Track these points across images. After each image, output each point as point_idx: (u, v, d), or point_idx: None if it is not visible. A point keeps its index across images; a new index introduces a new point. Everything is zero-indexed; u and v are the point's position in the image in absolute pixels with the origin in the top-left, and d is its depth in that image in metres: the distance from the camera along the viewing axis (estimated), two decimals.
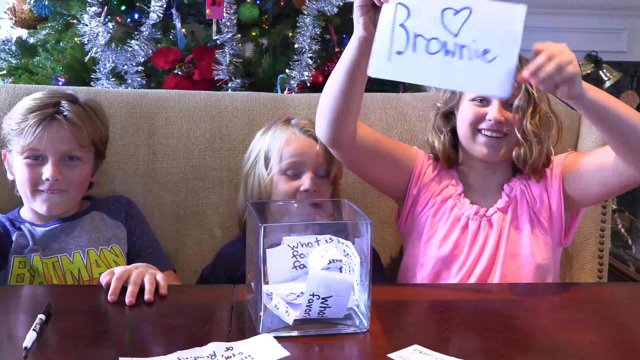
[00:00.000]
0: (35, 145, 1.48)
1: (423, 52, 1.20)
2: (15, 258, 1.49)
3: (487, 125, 1.53)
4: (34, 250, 1.50)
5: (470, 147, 1.57)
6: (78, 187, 1.55)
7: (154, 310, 1.23)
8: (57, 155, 1.50)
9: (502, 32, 1.20)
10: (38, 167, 1.50)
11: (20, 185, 1.53)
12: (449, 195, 1.59)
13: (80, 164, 1.54)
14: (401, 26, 1.20)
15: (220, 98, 1.84)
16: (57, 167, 1.49)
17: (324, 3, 2.21)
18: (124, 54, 2.17)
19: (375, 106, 1.88)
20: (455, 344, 1.11)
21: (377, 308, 1.18)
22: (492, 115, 1.52)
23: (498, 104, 1.53)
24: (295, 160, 1.55)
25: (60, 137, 1.50)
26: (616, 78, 4.93)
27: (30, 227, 1.53)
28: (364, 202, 1.80)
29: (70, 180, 1.51)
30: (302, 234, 1.13)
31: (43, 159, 1.50)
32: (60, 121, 1.50)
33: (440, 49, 1.20)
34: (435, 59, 1.20)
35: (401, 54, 1.20)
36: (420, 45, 1.20)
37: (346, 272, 1.10)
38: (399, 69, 1.22)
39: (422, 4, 1.20)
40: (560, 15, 4.83)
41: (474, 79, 1.21)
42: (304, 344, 1.07)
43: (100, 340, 1.10)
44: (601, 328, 1.17)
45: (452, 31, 1.19)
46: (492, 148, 1.55)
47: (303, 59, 2.19)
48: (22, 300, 1.31)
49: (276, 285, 1.13)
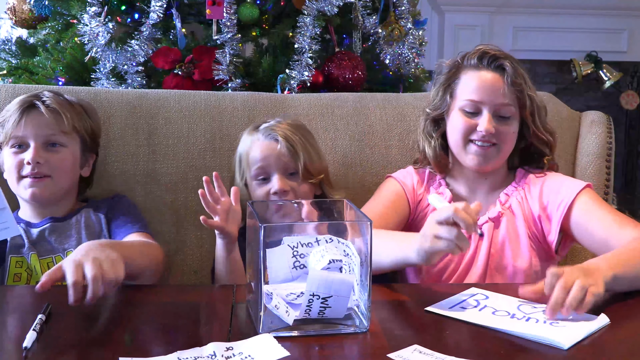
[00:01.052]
0: (16, 132, 1.52)
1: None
2: (12, 258, 1.50)
3: (478, 137, 1.53)
4: (30, 250, 1.51)
5: (462, 156, 1.57)
6: (60, 174, 1.55)
7: (154, 310, 1.23)
8: (39, 140, 1.53)
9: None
10: (21, 154, 1.53)
11: (8, 175, 1.56)
12: None
13: (63, 150, 1.56)
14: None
15: (220, 98, 1.84)
16: (37, 151, 1.52)
17: (324, 3, 2.21)
18: (124, 54, 2.17)
19: (375, 106, 1.88)
20: (455, 344, 1.11)
21: (377, 308, 1.19)
22: (483, 127, 1.51)
23: (488, 115, 1.52)
24: (260, 165, 1.59)
25: (40, 122, 1.54)
26: (616, 78, 4.93)
27: (25, 228, 1.54)
28: (363, 202, 1.79)
29: (51, 165, 1.53)
30: (302, 234, 1.13)
31: (26, 147, 1.53)
32: (38, 107, 1.54)
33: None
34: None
35: None
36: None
37: (346, 272, 1.10)
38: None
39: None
40: (560, 15, 4.83)
41: None
42: (304, 344, 1.07)
43: (100, 340, 1.10)
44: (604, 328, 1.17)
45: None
46: (484, 157, 1.54)
47: (303, 59, 2.19)
48: (21, 300, 1.31)
49: (276, 285, 1.13)
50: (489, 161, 1.55)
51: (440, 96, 1.61)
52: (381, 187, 1.66)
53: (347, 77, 2.28)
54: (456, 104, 1.57)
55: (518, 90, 1.53)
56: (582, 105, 4.89)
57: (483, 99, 1.53)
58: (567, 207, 1.51)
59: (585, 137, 1.85)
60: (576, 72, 4.91)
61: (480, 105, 1.53)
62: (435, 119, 1.63)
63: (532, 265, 1.54)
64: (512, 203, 1.57)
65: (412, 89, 2.50)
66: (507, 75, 1.52)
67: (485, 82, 1.54)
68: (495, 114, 1.53)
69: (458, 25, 4.78)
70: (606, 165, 1.82)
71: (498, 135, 1.53)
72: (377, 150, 1.83)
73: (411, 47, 2.44)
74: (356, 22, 2.38)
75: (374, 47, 2.46)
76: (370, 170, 1.82)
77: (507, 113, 1.54)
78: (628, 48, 5.00)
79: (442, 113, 1.61)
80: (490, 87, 1.53)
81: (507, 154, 1.57)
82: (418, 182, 1.63)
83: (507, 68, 1.53)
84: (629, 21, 4.96)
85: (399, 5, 2.45)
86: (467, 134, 1.54)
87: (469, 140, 1.54)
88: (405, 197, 1.61)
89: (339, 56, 2.31)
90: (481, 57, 1.55)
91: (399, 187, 1.62)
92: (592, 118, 1.87)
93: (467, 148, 1.55)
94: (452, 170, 1.63)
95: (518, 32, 4.87)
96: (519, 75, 1.53)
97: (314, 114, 1.85)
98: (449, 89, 1.59)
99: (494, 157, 1.55)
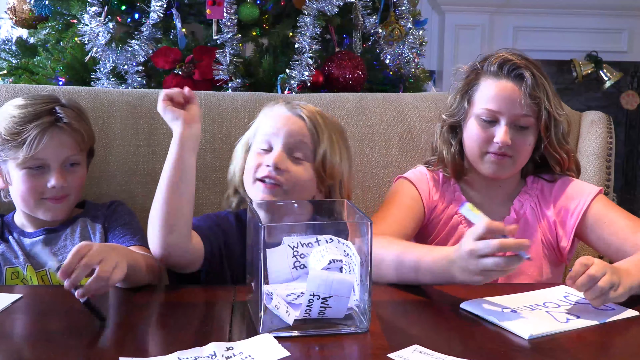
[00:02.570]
0: (38, 154, 1.46)
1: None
2: (7, 269, 1.48)
3: (494, 148, 1.51)
4: (26, 262, 1.48)
5: (478, 165, 1.55)
6: (78, 191, 1.55)
7: (154, 310, 1.23)
8: (60, 162, 1.49)
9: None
10: (41, 176, 1.48)
11: (20, 196, 1.50)
12: (454, 212, 1.57)
13: (79, 168, 1.54)
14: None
15: (221, 98, 1.84)
16: (60, 174, 1.48)
17: (324, 3, 2.21)
18: (125, 54, 2.16)
19: (375, 106, 1.88)
20: (455, 344, 1.11)
21: (377, 308, 1.19)
22: (500, 139, 1.49)
23: (505, 127, 1.50)
24: (271, 132, 1.46)
25: (63, 143, 1.49)
26: (616, 78, 4.93)
27: (18, 238, 1.52)
28: (364, 202, 1.80)
29: (71, 186, 1.51)
30: (303, 234, 1.13)
31: (44, 167, 1.49)
32: (61, 127, 1.49)
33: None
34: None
35: None
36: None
37: (346, 272, 1.10)
38: None
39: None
40: (560, 15, 4.83)
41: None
42: (305, 344, 1.07)
43: (101, 340, 1.10)
44: (600, 328, 1.17)
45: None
46: (500, 166, 1.52)
47: (303, 59, 2.18)
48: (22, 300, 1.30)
49: (276, 285, 1.13)
50: (504, 170, 1.54)
51: (458, 102, 1.58)
52: (396, 190, 1.60)
53: (347, 77, 2.28)
54: (473, 111, 1.55)
55: (535, 103, 1.50)
56: (582, 105, 4.89)
57: (501, 109, 1.50)
58: (581, 213, 1.52)
59: (586, 137, 1.85)
60: (576, 72, 4.90)
61: (497, 115, 1.51)
62: (452, 125, 1.61)
63: (542, 272, 1.54)
64: (526, 210, 1.57)
65: (412, 89, 2.49)
66: (526, 87, 1.49)
67: (504, 91, 1.51)
68: (513, 124, 1.51)
69: (458, 25, 4.78)
70: (606, 165, 1.82)
71: (514, 147, 1.50)
72: (378, 151, 1.83)
73: (411, 47, 2.44)
74: (356, 22, 2.38)
75: (374, 47, 2.46)
76: (371, 170, 1.82)
77: (525, 124, 1.51)
78: (628, 48, 5.00)
79: (459, 120, 1.59)
80: (508, 97, 1.50)
81: (522, 164, 1.56)
82: (434, 187, 1.60)
83: (527, 78, 1.49)
84: (629, 21, 4.95)
85: (399, 5, 2.45)
86: (483, 144, 1.52)
87: (485, 151, 1.52)
88: (422, 202, 1.57)
89: (339, 56, 2.31)
90: (502, 64, 1.52)
91: (415, 192, 1.58)
92: (592, 118, 1.87)
93: (483, 158, 1.53)
94: (467, 176, 1.61)
95: (518, 32, 4.87)
96: (539, 86, 1.50)
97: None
98: (466, 96, 1.57)
99: (510, 167, 1.53)
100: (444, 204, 1.58)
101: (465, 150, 1.58)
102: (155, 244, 1.31)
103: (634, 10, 4.91)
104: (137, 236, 1.51)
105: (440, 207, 1.58)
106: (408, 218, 1.53)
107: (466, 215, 1.29)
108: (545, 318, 1.18)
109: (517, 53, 1.55)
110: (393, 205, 1.56)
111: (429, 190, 1.59)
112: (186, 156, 1.31)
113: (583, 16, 4.85)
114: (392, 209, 1.55)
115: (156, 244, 1.31)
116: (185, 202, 1.31)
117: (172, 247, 1.31)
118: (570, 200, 1.55)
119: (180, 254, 1.33)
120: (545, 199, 1.57)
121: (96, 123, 1.72)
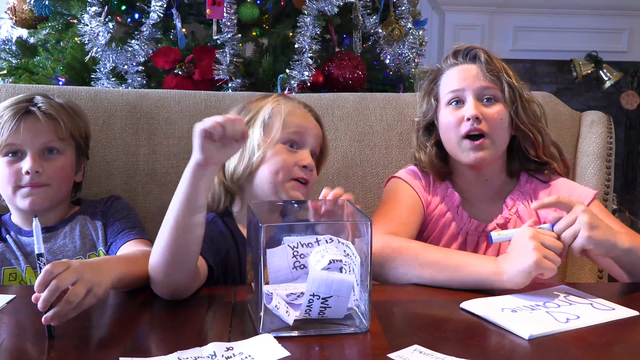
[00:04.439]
0: (12, 139, 1.46)
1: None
2: (5, 270, 1.47)
3: (467, 126, 1.51)
4: (25, 263, 1.47)
5: (457, 154, 1.55)
6: (60, 182, 1.50)
7: (154, 310, 1.23)
8: (35, 148, 1.47)
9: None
10: (17, 163, 1.47)
11: (1, 187, 1.49)
12: (447, 209, 1.57)
13: (60, 158, 1.51)
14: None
15: (221, 98, 1.84)
16: (35, 159, 1.46)
17: (324, 3, 2.21)
18: (124, 54, 2.17)
19: (375, 106, 1.88)
20: (455, 344, 1.11)
21: (377, 308, 1.19)
22: (470, 113, 1.50)
23: (473, 99, 1.52)
24: (297, 131, 1.48)
25: (37, 129, 1.47)
26: (616, 78, 4.94)
27: (15, 237, 1.51)
28: (364, 202, 1.80)
29: (50, 174, 1.48)
30: (302, 234, 1.13)
31: (22, 154, 1.47)
32: (34, 113, 1.48)
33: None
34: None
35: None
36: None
37: (346, 272, 1.10)
38: None
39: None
40: (560, 15, 4.84)
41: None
42: (305, 344, 1.07)
43: (101, 341, 1.10)
44: (600, 328, 1.17)
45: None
46: (479, 149, 1.51)
47: (303, 59, 2.19)
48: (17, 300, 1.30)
49: (276, 285, 1.13)
50: (484, 152, 1.51)
51: (426, 102, 1.62)
52: (394, 191, 1.60)
53: (347, 77, 2.28)
54: (441, 103, 1.58)
55: (495, 76, 1.53)
56: (582, 105, 4.89)
57: (463, 85, 1.54)
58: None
59: (586, 137, 1.85)
60: (576, 72, 4.91)
61: (462, 94, 1.54)
62: (426, 127, 1.62)
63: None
64: (518, 208, 1.56)
65: (412, 89, 2.49)
66: (482, 62, 1.55)
67: (464, 71, 1.56)
68: (479, 97, 1.53)
69: (458, 25, 4.79)
70: (606, 165, 1.82)
71: (486, 120, 1.51)
72: (378, 151, 1.83)
73: (411, 47, 2.44)
74: (356, 22, 2.38)
75: (374, 47, 2.46)
76: (371, 170, 1.82)
77: (490, 94, 1.54)
78: (628, 48, 5.01)
79: (431, 118, 1.61)
80: (468, 73, 1.55)
81: (501, 145, 1.55)
82: (426, 184, 1.61)
83: (480, 55, 1.56)
84: (629, 21, 4.96)
85: (399, 5, 2.45)
86: (456, 127, 1.53)
87: (460, 137, 1.52)
88: (420, 201, 1.57)
89: (339, 56, 2.31)
90: (456, 53, 1.59)
91: (412, 191, 1.58)
92: (592, 118, 1.87)
93: (461, 145, 1.53)
94: (453, 177, 1.62)
95: (518, 32, 4.87)
96: (495, 61, 1.56)
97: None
98: (432, 93, 1.61)
99: (489, 148, 1.52)
100: (437, 200, 1.59)
101: (444, 144, 1.58)
102: (159, 286, 1.24)
103: (634, 10, 4.91)
104: (135, 229, 1.48)
105: (434, 203, 1.59)
106: (412, 218, 1.54)
107: (500, 241, 1.37)
108: (545, 318, 1.18)
109: (465, 44, 1.61)
110: (394, 206, 1.55)
111: (423, 188, 1.60)
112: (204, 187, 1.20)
113: (583, 16, 4.86)
114: (396, 209, 1.54)
115: (159, 285, 1.24)
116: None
117: (178, 285, 1.25)
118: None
119: (184, 290, 1.26)
120: (540, 200, 1.56)
121: (96, 123, 1.72)
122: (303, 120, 1.51)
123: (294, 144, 1.48)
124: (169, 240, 1.20)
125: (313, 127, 1.52)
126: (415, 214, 1.55)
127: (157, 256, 1.22)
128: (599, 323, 1.18)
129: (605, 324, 1.18)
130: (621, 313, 1.22)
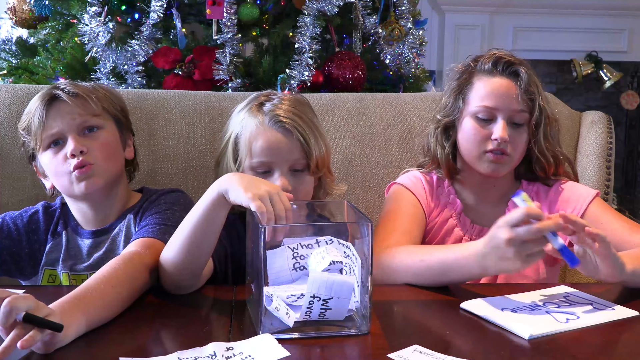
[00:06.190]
0: (47, 129, 1.41)
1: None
2: (46, 270, 1.46)
3: (493, 145, 1.50)
4: (63, 268, 1.45)
5: (476, 164, 1.54)
6: (107, 158, 1.44)
7: (154, 311, 1.23)
8: (73, 129, 1.42)
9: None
10: (62, 150, 1.42)
11: (56, 179, 1.44)
12: (449, 216, 1.57)
13: (102, 133, 1.45)
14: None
15: (221, 98, 1.84)
16: (77, 140, 1.41)
17: (324, 3, 2.21)
18: (124, 54, 2.17)
19: (375, 106, 1.88)
20: (455, 344, 1.11)
21: (377, 308, 1.19)
22: (499, 135, 1.49)
23: (503, 122, 1.50)
24: (265, 162, 1.41)
25: (67, 110, 1.42)
26: (616, 78, 4.94)
27: (70, 235, 1.47)
28: (364, 202, 1.80)
29: (95, 152, 1.42)
30: (303, 236, 1.13)
31: (63, 141, 1.42)
32: (60, 97, 1.43)
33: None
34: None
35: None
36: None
37: (347, 273, 1.09)
38: None
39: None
40: (560, 15, 4.84)
41: None
42: (305, 346, 1.07)
43: (101, 340, 1.10)
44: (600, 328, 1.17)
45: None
46: (499, 165, 1.51)
47: (303, 59, 2.19)
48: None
49: (277, 287, 1.13)
50: (502, 168, 1.53)
51: (452, 102, 1.58)
52: (395, 199, 1.58)
53: (347, 77, 2.28)
54: (469, 110, 1.54)
55: (530, 98, 1.51)
56: (582, 105, 4.90)
57: (498, 105, 1.50)
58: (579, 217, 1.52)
59: (585, 137, 1.85)
60: (576, 72, 4.91)
61: (494, 112, 1.51)
62: (446, 126, 1.60)
63: (539, 273, 1.54)
64: None
65: (412, 89, 2.50)
66: (522, 82, 1.50)
67: (500, 88, 1.51)
68: (509, 120, 1.51)
69: (458, 25, 4.79)
70: (606, 165, 1.82)
71: (511, 144, 1.50)
72: (378, 151, 1.83)
73: (411, 47, 2.44)
74: (356, 22, 2.38)
75: (374, 47, 2.46)
76: (371, 170, 1.82)
77: (520, 120, 1.51)
78: (628, 48, 5.01)
79: (453, 120, 1.58)
80: (505, 93, 1.50)
81: (517, 162, 1.56)
82: (429, 191, 1.59)
83: (522, 74, 1.50)
84: (629, 21, 4.96)
85: (399, 5, 2.45)
86: (481, 143, 1.51)
87: (483, 151, 1.51)
88: (422, 209, 1.57)
89: (339, 56, 2.31)
90: (496, 62, 1.53)
91: (414, 199, 1.57)
92: (592, 118, 1.87)
93: (481, 158, 1.52)
94: (460, 177, 1.61)
95: (518, 32, 4.87)
96: (533, 83, 1.52)
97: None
98: (461, 95, 1.56)
99: (507, 165, 1.53)
100: (439, 207, 1.58)
101: (461, 150, 1.57)
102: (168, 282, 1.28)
103: (634, 10, 4.91)
104: (156, 227, 1.37)
105: (436, 211, 1.58)
106: (414, 226, 1.53)
107: (519, 204, 1.23)
108: (545, 318, 1.18)
109: (508, 52, 1.56)
110: (396, 215, 1.54)
111: (426, 195, 1.58)
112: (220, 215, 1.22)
113: (583, 16, 4.86)
114: (398, 219, 1.53)
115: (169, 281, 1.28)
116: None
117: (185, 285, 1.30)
118: (566, 203, 1.55)
119: (189, 288, 1.30)
120: (541, 202, 1.56)
121: None
122: (271, 143, 1.41)
123: (264, 170, 1.42)
124: (184, 245, 1.23)
125: (283, 145, 1.40)
126: (418, 222, 1.54)
127: (170, 254, 1.25)
128: (599, 323, 1.18)
129: (605, 324, 1.18)
130: (621, 313, 1.22)
